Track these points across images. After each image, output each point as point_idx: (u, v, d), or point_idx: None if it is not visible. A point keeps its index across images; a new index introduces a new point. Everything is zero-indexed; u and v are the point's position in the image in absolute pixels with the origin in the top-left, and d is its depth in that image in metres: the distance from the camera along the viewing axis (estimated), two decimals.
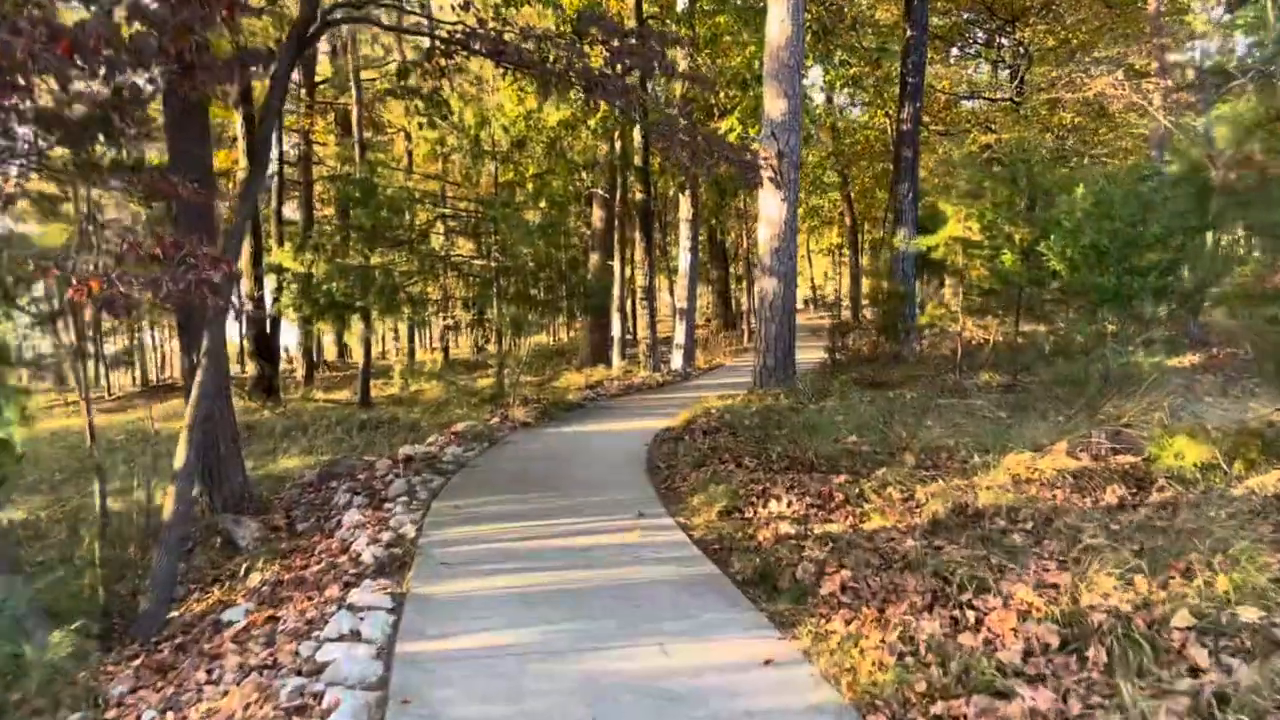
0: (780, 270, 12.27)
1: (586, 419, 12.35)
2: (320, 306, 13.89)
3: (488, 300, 13.57)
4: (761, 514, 5.92)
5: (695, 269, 18.34)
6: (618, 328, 20.24)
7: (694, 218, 18.01)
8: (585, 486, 7.34)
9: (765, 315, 12.45)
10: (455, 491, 7.38)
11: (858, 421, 9.82)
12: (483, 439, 10.21)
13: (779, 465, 7.36)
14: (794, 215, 12.23)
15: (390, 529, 6.08)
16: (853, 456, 7.21)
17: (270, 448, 13.22)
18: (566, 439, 10.37)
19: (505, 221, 13.14)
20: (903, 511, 5.63)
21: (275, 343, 18.14)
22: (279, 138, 18.30)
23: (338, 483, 8.27)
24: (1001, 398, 10.85)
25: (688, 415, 11.50)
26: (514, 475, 7.98)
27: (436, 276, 14.27)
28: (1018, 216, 11.19)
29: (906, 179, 16.24)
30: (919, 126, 16.64)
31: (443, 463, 8.67)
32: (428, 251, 14.47)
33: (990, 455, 6.82)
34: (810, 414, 10.59)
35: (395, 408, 15.49)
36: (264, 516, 7.72)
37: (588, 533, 5.82)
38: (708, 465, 7.62)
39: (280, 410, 16.09)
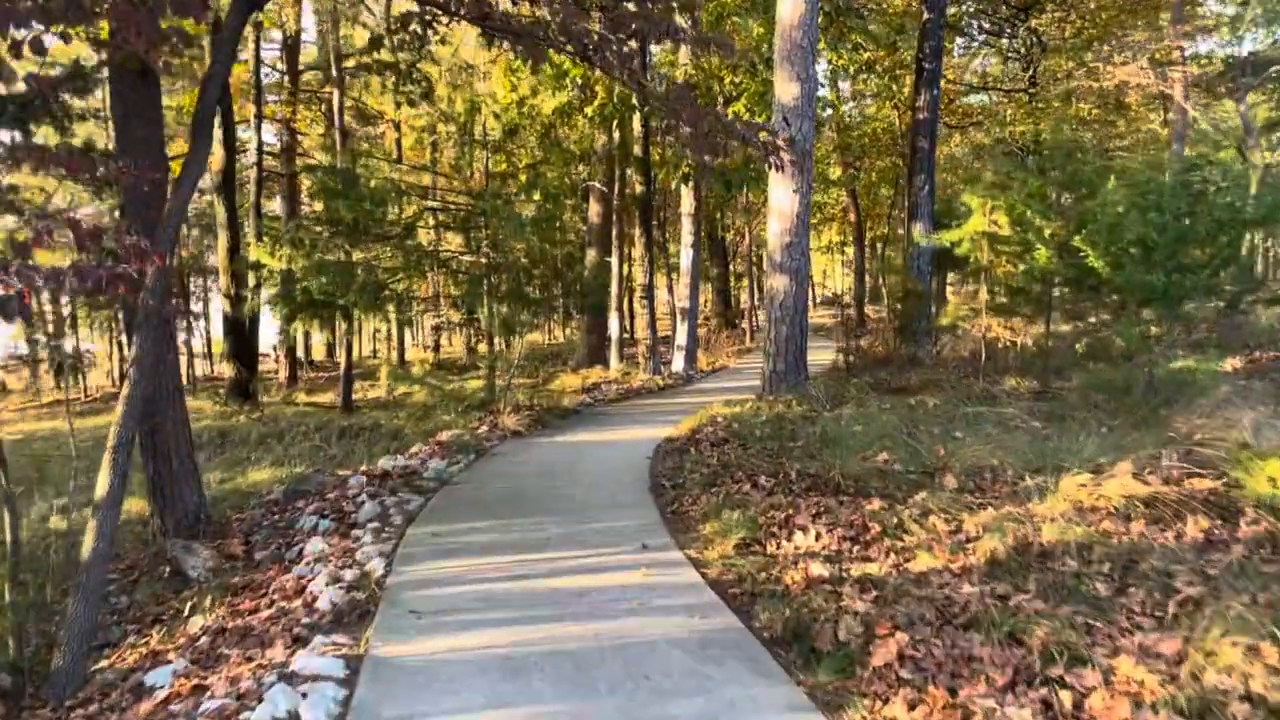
0: (791, 267, 11.52)
1: (583, 427, 11.58)
2: (298, 305, 13.10)
3: (477, 299, 12.78)
4: (786, 548, 5.15)
5: (698, 266, 17.57)
6: (616, 327, 19.47)
7: (696, 212, 17.23)
8: (581, 509, 6.57)
9: (775, 316, 11.69)
10: (434, 515, 6.60)
11: (879, 432, 9.07)
12: (469, 450, 9.44)
13: (800, 486, 6.60)
14: (807, 208, 11.48)
15: (356, 563, 5.31)
16: (884, 477, 6.44)
17: (243, 457, 12.43)
18: (561, 450, 9.60)
19: (496, 215, 12.36)
20: (953, 547, 4.86)
21: (254, 343, 17.34)
22: (258, 126, 17.52)
23: (305, 502, 7.50)
24: (1034, 406, 10.09)
25: (692, 423, 10.76)
26: (501, 495, 7.21)
27: (423, 273, 13.48)
28: (1050, 209, 10.43)
29: (923, 171, 15.49)
30: (937, 115, 15.88)
31: (423, 479, 7.90)
32: (414, 247, 13.68)
33: (1043, 477, 6.07)
34: (826, 423, 9.85)
35: (379, 413, 14.71)
36: (220, 542, 6.95)
37: (584, 570, 5.05)
38: (719, 485, 6.85)
39: (257, 415, 15.30)
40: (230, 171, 16.31)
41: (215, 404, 16.23)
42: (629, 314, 32.24)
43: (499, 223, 12.50)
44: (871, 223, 40.81)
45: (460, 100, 13.81)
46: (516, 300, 12.86)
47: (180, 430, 7.26)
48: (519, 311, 12.83)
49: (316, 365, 31.70)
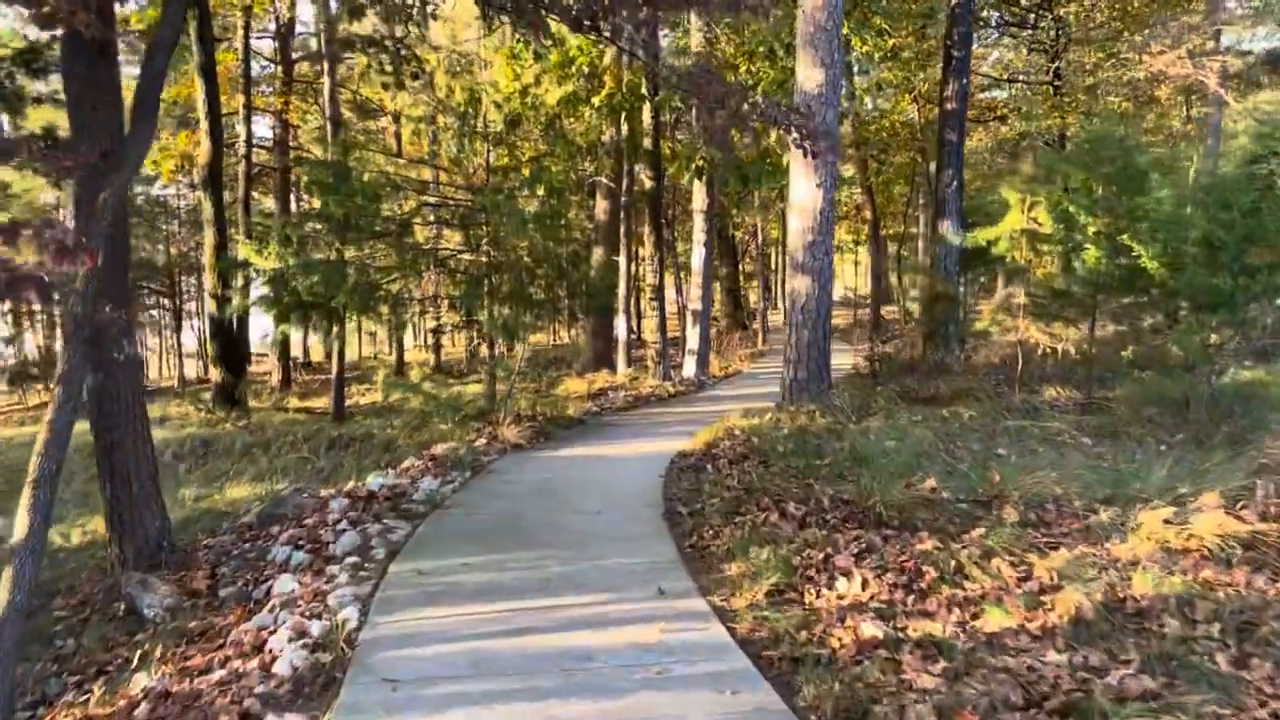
0: (814, 267, 10.85)
1: (589, 439, 10.91)
2: (287, 306, 12.44)
3: (476, 300, 12.11)
4: (828, 598, 4.47)
5: (710, 265, 16.89)
6: (623, 330, 18.81)
7: (709, 208, 16.54)
8: (587, 541, 5.89)
9: (796, 319, 11.02)
10: (421, 547, 5.94)
11: (914, 449, 8.41)
12: (465, 467, 8.77)
13: (835, 516, 5.92)
14: (831, 204, 10.81)
15: (327, 610, 4.65)
16: (932, 507, 5.75)
17: (225, 469, 11.82)
18: (564, 467, 8.93)
19: (497, 210, 11.69)
20: (1027, 601, 4.18)
21: (242, 346, 16.72)
22: (247, 118, 16.87)
23: (281, 528, 6.83)
24: (1081, 419, 9.39)
25: (708, 436, 10.10)
26: (497, 522, 6.54)
27: (419, 273, 12.80)
28: (1097, 205, 9.73)
29: (950, 165, 14.78)
30: (966, 106, 15.17)
31: (412, 501, 7.23)
32: (410, 245, 13.01)
33: (1115, 508, 5.38)
34: (854, 437, 9.18)
35: (373, 421, 14.07)
36: (183, 574, 6.31)
37: (591, 623, 4.38)
38: (743, 513, 6.17)
39: (244, 423, 14.67)
40: (217, 165, 15.69)
41: (200, 410, 15.61)
42: (637, 315, 31.60)
43: (500, 219, 11.83)
44: (886, 221, 40.06)
45: (459, 89, 13.14)
46: (518, 302, 12.19)
47: (141, 448, 6.62)
48: (521, 314, 12.16)
49: (314, 367, 31.08)
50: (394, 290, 13.30)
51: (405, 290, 13.28)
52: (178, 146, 18.39)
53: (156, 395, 26.67)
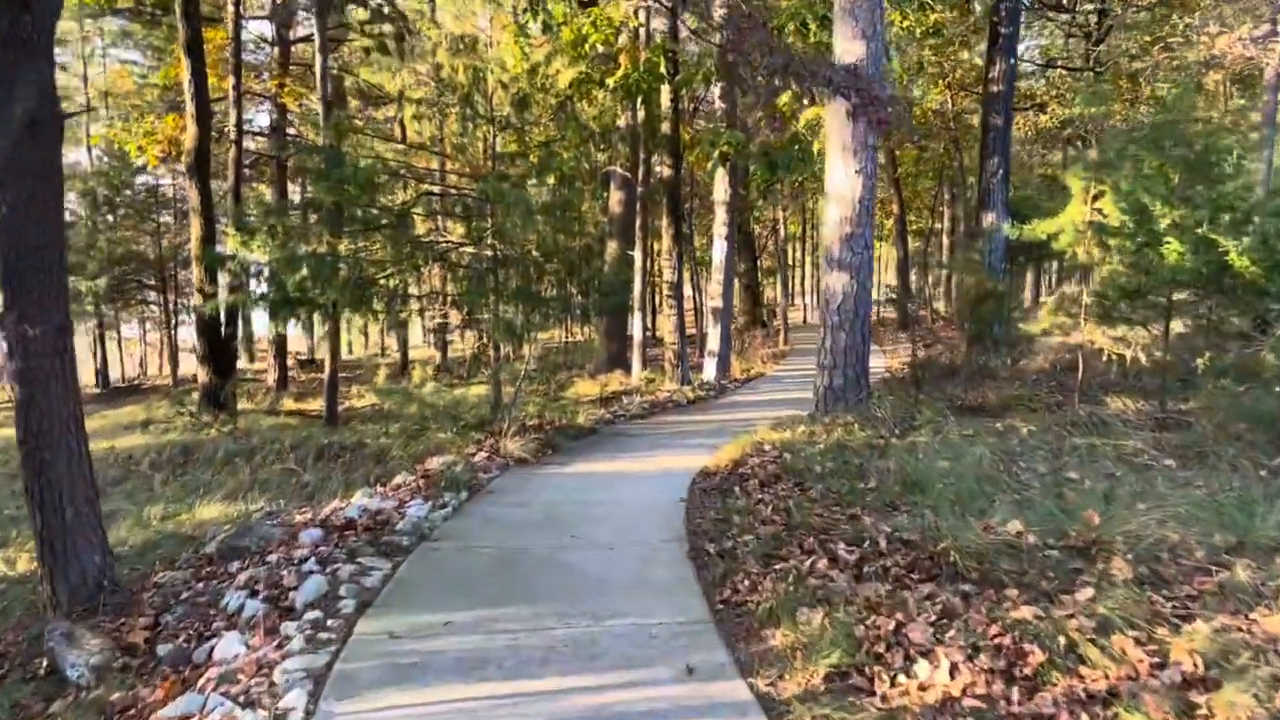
0: (853, 262, 9.91)
1: (601, 452, 10.00)
2: (274, 303, 11.58)
3: (479, 298, 11.21)
4: (906, 688, 3.54)
5: (731, 261, 15.95)
6: (639, 329, 17.87)
7: (731, 199, 15.58)
8: (597, 591, 4.98)
9: (832, 321, 10.09)
10: (398, 597, 5.03)
11: (973, 471, 7.46)
12: (460, 487, 7.87)
13: (896, 562, 4.98)
14: (872, 192, 9.86)
15: (270, 693, 3.75)
16: (1017, 555, 4.79)
17: (203, 481, 10.98)
18: (573, 487, 8.01)
19: (502, 200, 10.78)
20: (1171, 700, 3.23)
21: (230, 344, 15.87)
22: (238, 100, 16.01)
23: (242, 563, 5.95)
24: (1159, 437, 8.41)
25: (734, 451, 9.20)
26: (492, 562, 5.62)
27: (417, 268, 11.92)
28: (1174, 194, 8.74)
29: (996, 153, 13.80)
30: (1013, 88, 14.16)
31: (395, 532, 6.33)
32: (408, 237, 12.12)
33: (1249, 559, 4.42)
34: (900, 455, 8.25)
35: (368, 427, 13.19)
36: (122, 621, 5.43)
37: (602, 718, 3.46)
38: (784, 556, 5.25)
39: (230, 428, 13.82)
40: (204, 149, 14.84)
41: (182, 414, 14.77)
42: (652, 313, 30.66)
43: (505, 209, 10.92)
44: (909, 216, 38.97)
45: (462, 68, 12.23)
46: (525, 300, 11.28)
47: (76, 468, 5.73)
48: (528, 313, 11.25)
49: (318, 365, 30.22)
50: (390, 286, 12.43)
51: (402, 286, 12.42)
52: (165, 130, 17.57)
53: (151, 394, 25.96)
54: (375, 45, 6.64)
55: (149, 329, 40.44)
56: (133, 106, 22.99)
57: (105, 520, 6.71)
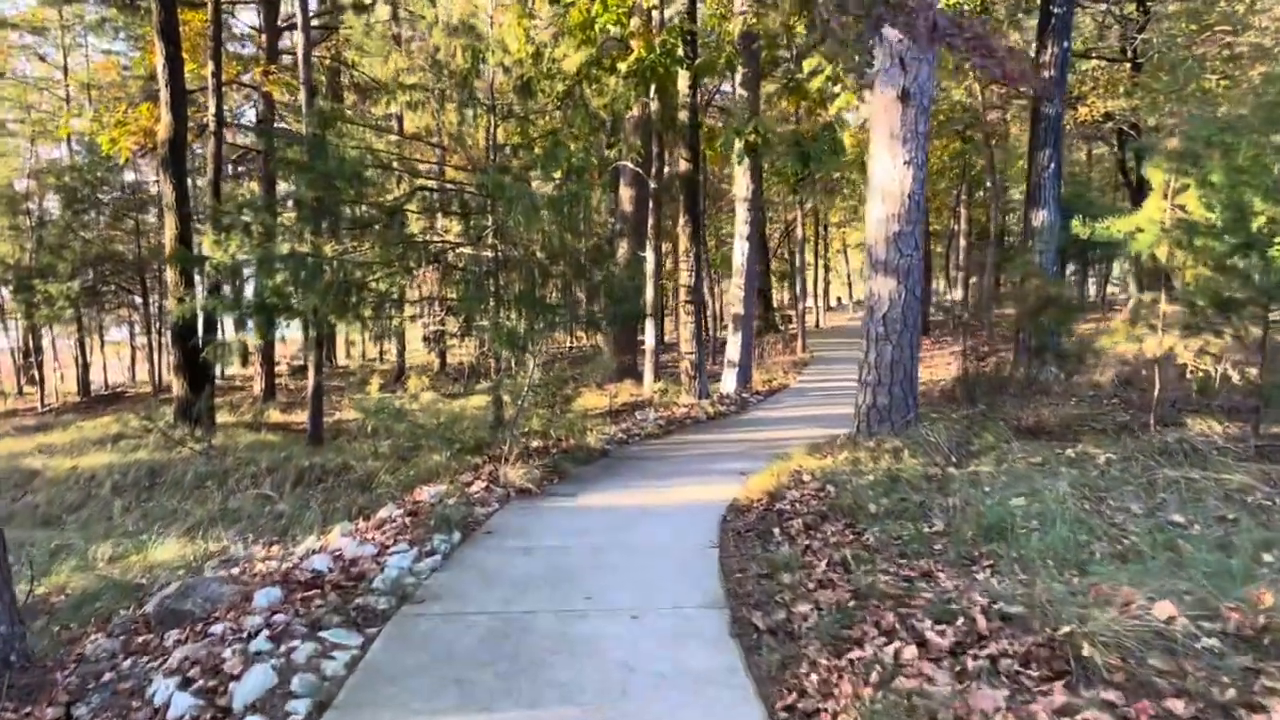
0: (900, 265, 8.91)
1: (614, 480, 8.98)
2: (248, 309, 10.61)
3: (478, 304, 10.22)
4: None
5: (754, 263, 14.93)
6: (651, 337, 16.87)
7: (754, 196, 14.58)
8: (618, 690, 3.96)
9: (876, 332, 9.08)
10: (366, 694, 4.02)
11: (1057, 510, 6.44)
12: (453, 526, 6.86)
13: (1006, 650, 3.94)
14: (921, 186, 8.87)
15: None
16: (1170, 650, 3.75)
17: (166, 510, 10.01)
18: (583, 527, 6.99)
19: (503, 194, 9.79)
20: None
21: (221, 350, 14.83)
22: (217, 89, 15.02)
23: (181, 633, 4.96)
24: (1266, 469, 7.36)
25: (768, 481, 8.20)
26: (485, 639, 4.60)
27: (409, 270, 10.92)
28: (1278, 188, 7.71)
29: (1048, 145, 12.77)
30: (1066, 75, 13.13)
31: (372, 591, 5.32)
32: (399, 236, 11.13)
33: None
34: (964, 489, 7.28)
35: (355, 445, 12.19)
36: (28, 712, 4.43)
37: None
38: (857, 638, 4.22)
39: (205, 446, 12.82)
40: (179, 141, 13.89)
41: (152, 429, 13.76)
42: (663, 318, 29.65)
43: (507, 205, 9.93)
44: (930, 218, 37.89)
45: (460, 50, 11.24)
46: (529, 306, 10.29)
47: None
48: (532, 321, 10.25)
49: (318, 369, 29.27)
50: (380, 290, 11.44)
51: (394, 291, 11.41)
52: (139, 121, 16.60)
53: (133, 403, 24.99)
54: (353, 4, 5.84)
55: (138, 333, 39.48)
56: (114, 99, 22.06)
57: (48, 559, 5.75)
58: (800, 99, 12.41)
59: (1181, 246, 8.47)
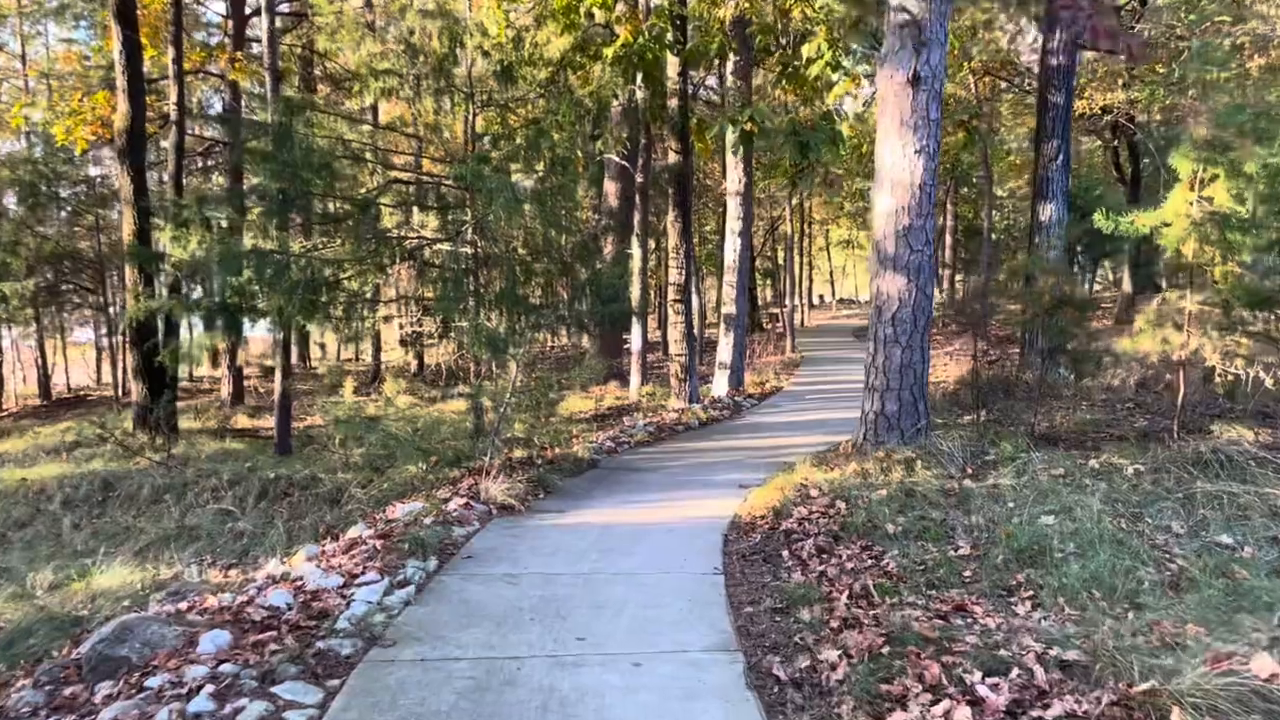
0: (911, 262, 8.40)
1: (604, 494, 8.42)
2: (209, 310, 9.97)
3: (456, 304, 9.63)
4: None
5: (747, 261, 14.40)
6: (638, 337, 16.33)
7: (746, 190, 14.06)
8: None
9: (883, 334, 8.57)
10: None
11: (1093, 529, 5.95)
12: (428, 550, 6.28)
13: (1074, 713, 3.40)
14: (933, 176, 8.38)
15: None
16: (1270, 709, 3.23)
17: (120, 526, 9.35)
18: (573, 550, 6.42)
19: (482, 185, 9.20)
20: None
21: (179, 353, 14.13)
22: (178, 75, 14.32)
23: (112, 686, 4.36)
24: None
25: (772, 495, 7.69)
26: (464, 694, 4.03)
27: (382, 267, 10.32)
28: None
29: (1056, 136, 12.30)
30: (1075, 61, 12.66)
31: (334, 631, 4.74)
32: (372, 231, 10.52)
33: None
34: (986, 505, 6.80)
35: (326, 456, 11.56)
36: None
37: None
38: (898, 695, 3.67)
39: (165, 455, 12.13)
40: (137, 131, 13.21)
41: (108, 438, 13.06)
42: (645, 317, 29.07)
43: (486, 198, 9.34)
44: None
45: (435, 32, 10.63)
46: (510, 306, 9.71)
47: None
48: (514, 322, 9.68)
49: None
50: (352, 289, 10.83)
51: (366, 290, 10.81)
52: (96, 110, 15.85)
53: (96, 407, 24.18)
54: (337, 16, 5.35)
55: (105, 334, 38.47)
56: (73, 89, 21.26)
57: None
58: (798, 87, 11.89)
59: (1210, 242, 7.99)
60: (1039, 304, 9.64)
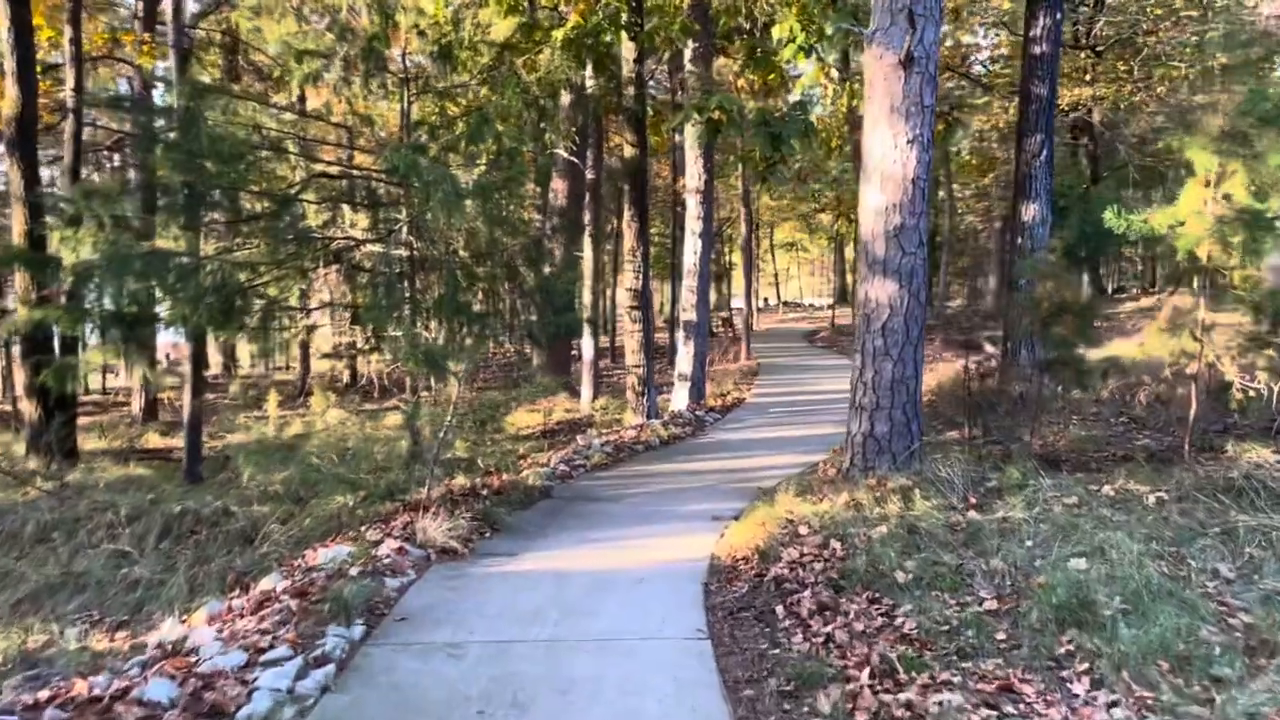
0: (903, 265, 7.69)
1: (561, 532, 7.51)
2: (103, 320, 8.87)
3: (388, 313, 8.67)
4: None
5: (708, 263, 13.60)
6: (590, 347, 15.45)
7: (707, 187, 13.26)
8: None
9: (872, 345, 7.83)
10: None
11: (1133, 574, 5.23)
12: (353, 611, 5.31)
13: None
14: (927, 169, 7.64)
15: None
16: None
17: None
18: (529, 609, 5.50)
19: (418, 178, 8.25)
20: None
21: (66, 371, 12.91)
22: (76, 58, 13.08)
23: None
24: None
25: (754, 532, 6.90)
26: None
27: (304, 271, 9.30)
28: None
29: (1040, 130, 11.71)
30: (1059, 50, 12.09)
31: None
32: (293, 231, 9.50)
33: None
34: (1003, 543, 6.04)
35: (240, 482, 10.44)
36: None
37: None
38: None
39: (58, 485, 10.91)
40: (27, 118, 11.96)
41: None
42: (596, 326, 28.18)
43: (423, 192, 8.39)
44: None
45: (366, 8, 9.66)
46: (451, 315, 8.76)
47: None
48: (454, 333, 8.74)
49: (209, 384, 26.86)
50: (270, 295, 9.78)
51: (285, 296, 9.76)
52: None
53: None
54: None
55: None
56: None
57: None
58: (767, 73, 11.13)
59: (1229, 244, 7.37)
60: (1037, 311, 8.99)
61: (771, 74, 11.23)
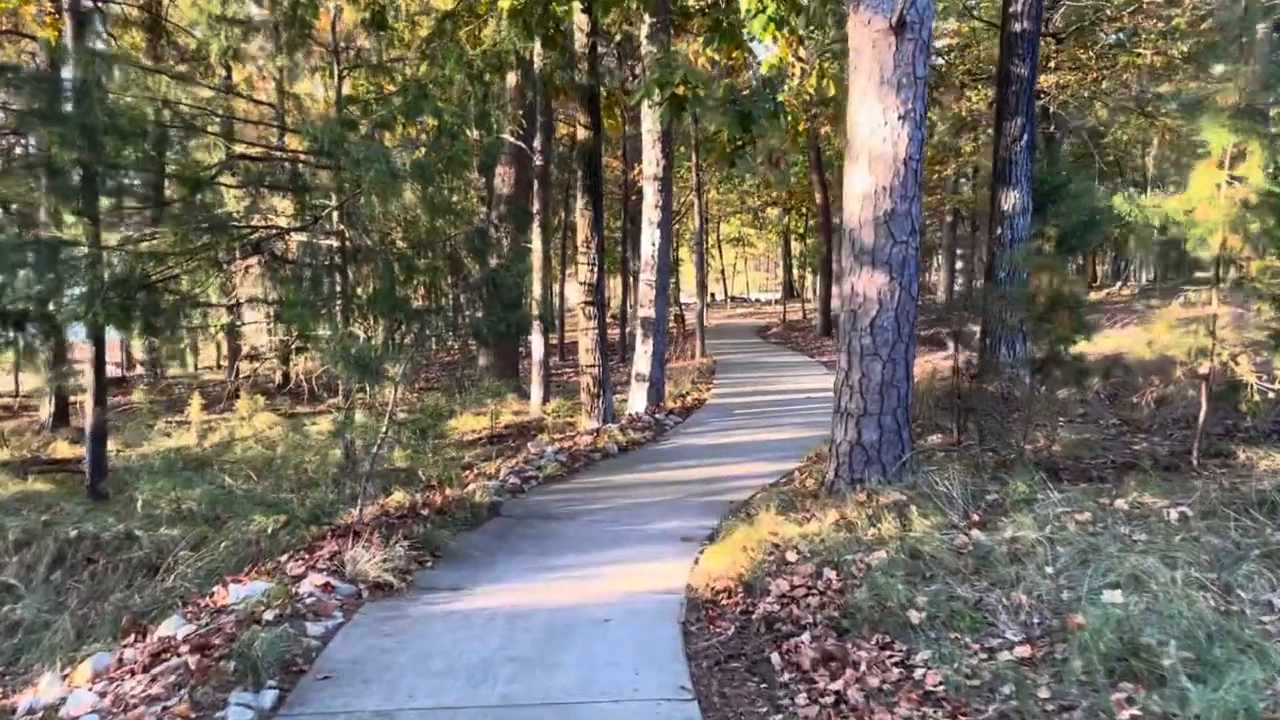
0: (893, 255, 7.02)
1: (512, 558, 6.69)
2: None
3: (315, 310, 7.78)
4: None
5: (667, 255, 12.85)
6: (539, 345, 14.61)
7: (665, 172, 12.50)
8: None
9: (860, 344, 7.14)
10: None
11: (1185, 613, 4.59)
12: (263, 670, 4.45)
13: None
14: (920, 148, 6.93)
15: None
16: None
17: None
18: (477, 662, 4.68)
19: (347, 156, 7.37)
20: None
21: None
22: None
23: None
24: None
25: (735, 559, 6.16)
26: None
27: (219, 264, 8.35)
28: None
29: (1020, 113, 11.15)
30: (1040, 27, 11.53)
31: None
32: (206, 218, 8.54)
33: None
34: (1022, 571, 5.37)
35: (151, 505, 9.44)
36: None
37: None
38: None
39: None
40: None
41: None
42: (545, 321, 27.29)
43: (354, 172, 7.51)
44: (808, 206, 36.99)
45: None
46: (387, 312, 7.88)
47: None
48: (391, 332, 7.86)
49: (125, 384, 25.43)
50: (180, 291, 8.82)
51: (198, 291, 8.80)
52: None
53: None
54: None
55: None
56: None
57: None
58: (733, 47, 10.39)
59: (1250, 233, 6.80)
60: (1031, 306, 8.37)
61: (738, 48, 10.52)
